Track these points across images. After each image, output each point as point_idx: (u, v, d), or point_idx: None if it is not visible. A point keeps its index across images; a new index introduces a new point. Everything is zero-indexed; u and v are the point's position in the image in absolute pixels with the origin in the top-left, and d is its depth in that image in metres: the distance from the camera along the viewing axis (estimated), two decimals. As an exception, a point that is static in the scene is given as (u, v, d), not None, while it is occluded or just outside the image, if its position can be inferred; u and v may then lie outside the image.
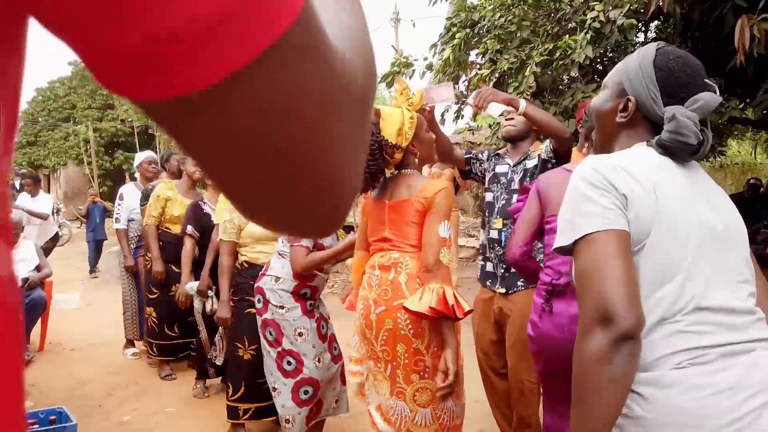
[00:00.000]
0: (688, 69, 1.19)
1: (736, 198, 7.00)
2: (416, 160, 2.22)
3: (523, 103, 2.58)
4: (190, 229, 3.74)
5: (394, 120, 2.13)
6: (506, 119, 2.79)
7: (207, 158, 0.28)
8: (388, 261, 2.12)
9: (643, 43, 5.11)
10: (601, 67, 5.17)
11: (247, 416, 3.03)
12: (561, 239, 1.13)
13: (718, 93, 1.17)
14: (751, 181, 6.83)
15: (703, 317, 1.06)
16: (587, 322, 1.01)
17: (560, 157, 2.58)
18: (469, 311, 2.02)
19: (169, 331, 4.23)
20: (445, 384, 1.92)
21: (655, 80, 1.18)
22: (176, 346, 4.28)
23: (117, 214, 4.76)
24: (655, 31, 5.44)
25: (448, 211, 2.05)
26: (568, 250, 1.13)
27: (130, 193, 4.80)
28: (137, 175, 4.99)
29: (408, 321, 2.01)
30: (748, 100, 5.33)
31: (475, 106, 2.64)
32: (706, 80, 1.19)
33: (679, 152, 1.15)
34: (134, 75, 0.24)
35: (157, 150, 19.04)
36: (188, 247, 3.73)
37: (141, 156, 4.99)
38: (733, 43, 3.67)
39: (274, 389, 2.77)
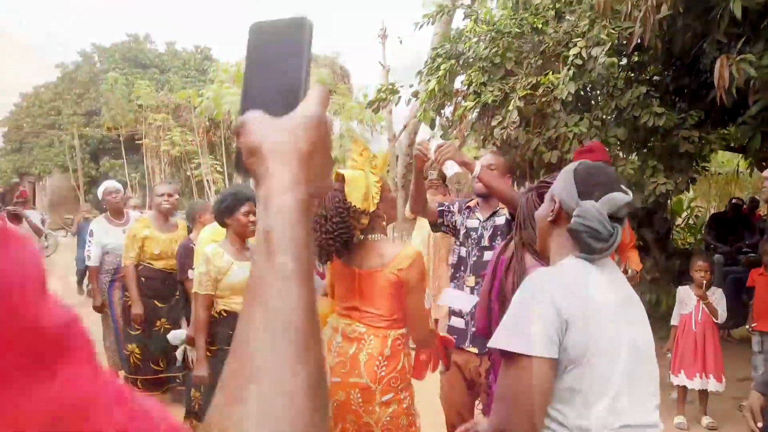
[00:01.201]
0: (603, 175, 1.38)
1: (720, 217, 7.10)
2: (383, 222, 2.21)
3: (477, 168, 2.54)
4: (191, 273, 3.52)
5: (359, 184, 2.07)
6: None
7: None
8: (352, 333, 2.11)
9: (624, 71, 5.16)
10: (583, 94, 5.24)
11: None
12: (498, 341, 1.25)
13: (630, 195, 1.36)
14: (733, 200, 6.96)
15: None
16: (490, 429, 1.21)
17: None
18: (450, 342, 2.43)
19: (154, 366, 4.21)
20: None
21: (574, 182, 1.36)
22: (161, 380, 4.26)
23: (88, 251, 4.64)
24: (636, 56, 5.50)
25: (424, 278, 2.12)
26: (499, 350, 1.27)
27: (100, 228, 4.66)
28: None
29: (360, 399, 2.02)
30: (728, 125, 5.43)
31: (435, 161, 2.57)
32: (621, 185, 1.37)
33: (590, 240, 1.30)
34: None
35: (144, 158, 18.94)
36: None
37: (102, 188, 4.83)
38: (712, 74, 3.75)
39: None
